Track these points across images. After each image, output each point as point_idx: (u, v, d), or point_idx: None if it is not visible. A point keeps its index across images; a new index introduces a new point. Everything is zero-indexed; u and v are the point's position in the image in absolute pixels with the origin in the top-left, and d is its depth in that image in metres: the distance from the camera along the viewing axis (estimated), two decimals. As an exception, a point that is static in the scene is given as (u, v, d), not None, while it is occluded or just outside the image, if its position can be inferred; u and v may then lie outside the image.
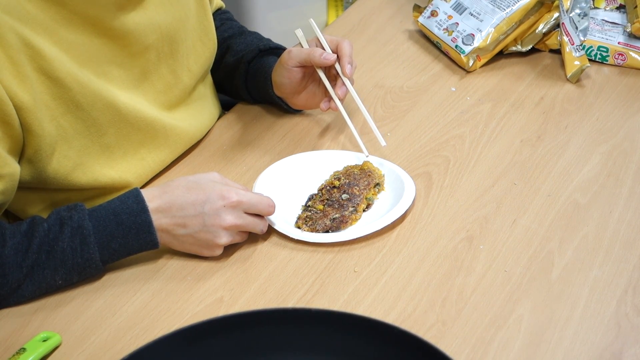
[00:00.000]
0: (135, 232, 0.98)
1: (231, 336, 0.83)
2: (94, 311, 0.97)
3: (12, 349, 0.92)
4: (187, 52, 1.18)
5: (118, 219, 0.97)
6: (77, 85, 1.02)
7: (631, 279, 0.98)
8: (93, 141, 1.07)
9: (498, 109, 1.29)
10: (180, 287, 1.00)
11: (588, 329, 0.92)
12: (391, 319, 0.94)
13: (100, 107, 1.05)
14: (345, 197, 1.09)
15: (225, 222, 0.99)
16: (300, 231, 1.05)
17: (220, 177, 1.03)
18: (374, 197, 1.10)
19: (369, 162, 1.14)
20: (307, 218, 1.07)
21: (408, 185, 1.10)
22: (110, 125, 1.08)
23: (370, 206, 1.10)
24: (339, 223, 1.06)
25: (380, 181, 1.12)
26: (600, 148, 1.19)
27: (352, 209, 1.07)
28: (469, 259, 1.02)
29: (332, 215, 1.07)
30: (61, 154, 1.04)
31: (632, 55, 1.37)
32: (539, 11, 1.38)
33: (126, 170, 1.12)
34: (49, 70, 0.99)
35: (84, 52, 1.03)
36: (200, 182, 1.00)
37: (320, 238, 1.04)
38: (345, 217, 1.06)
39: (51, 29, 0.99)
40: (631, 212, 1.08)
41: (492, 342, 0.91)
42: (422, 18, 1.46)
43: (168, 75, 1.15)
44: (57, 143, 1.03)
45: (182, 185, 1.00)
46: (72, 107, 1.03)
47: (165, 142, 1.16)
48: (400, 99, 1.32)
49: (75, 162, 1.07)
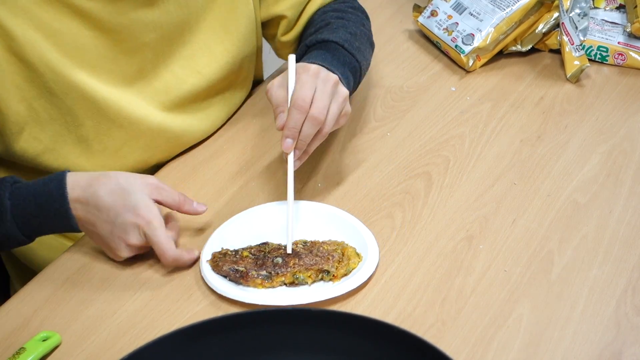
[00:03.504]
0: (52, 216, 0.98)
1: (231, 336, 0.83)
2: (94, 311, 0.97)
3: (12, 349, 0.92)
4: (196, 55, 1.16)
5: (37, 200, 0.98)
6: (50, 72, 1.02)
7: (631, 279, 0.98)
8: (69, 130, 1.08)
9: (498, 108, 1.29)
10: (180, 287, 1.00)
11: (588, 328, 0.92)
12: (391, 318, 0.94)
13: (75, 97, 1.05)
14: (278, 260, 0.99)
15: (129, 240, 0.99)
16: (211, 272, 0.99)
17: (155, 184, 1.01)
18: (307, 279, 0.98)
19: (349, 248, 1.02)
20: (222, 255, 1.00)
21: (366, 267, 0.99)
22: (88, 117, 1.07)
23: (295, 284, 0.98)
24: (239, 277, 0.98)
25: (334, 271, 0.98)
26: (599, 148, 1.19)
27: (265, 274, 0.98)
28: (469, 258, 1.02)
29: (240, 266, 0.99)
30: (31, 135, 1.05)
31: (632, 55, 1.37)
32: (538, 11, 1.38)
33: (103, 166, 1.11)
34: (19, 52, 0.99)
35: (70, 42, 1.02)
36: (127, 189, 0.98)
37: (227, 291, 0.97)
38: (249, 276, 0.97)
39: (32, 13, 0.99)
40: (631, 212, 1.08)
41: (492, 342, 0.91)
42: (422, 18, 1.46)
43: (167, 76, 1.14)
44: (28, 124, 1.04)
45: (110, 184, 0.98)
46: (45, 92, 1.03)
47: (153, 143, 1.15)
48: (400, 99, 1.32)
49: (47, 146, 1.07)
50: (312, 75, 1.02)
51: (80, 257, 1.05)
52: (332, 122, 1.02)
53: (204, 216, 1.06)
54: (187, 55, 1.15)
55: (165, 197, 1.01)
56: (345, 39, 1.15)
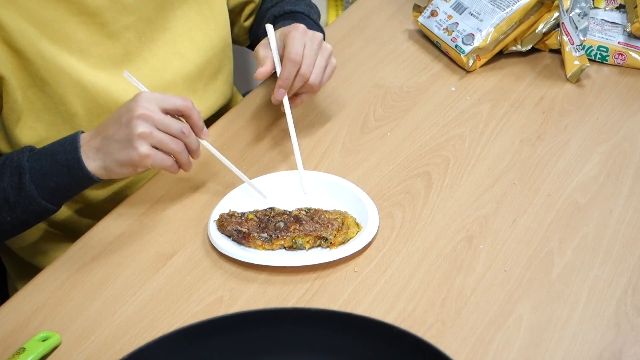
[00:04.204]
0: (67, 169, 1.00)
1: (231, 336, 0.83)
2: (94, 311, 0.97)
3: (12, 349, 0.92)
4: (177, 40, 1.19)
5: (53, 158, 1.00)
6: (40, 59, 1.04)
7: (631, 279, 0.98)
8: (64, 120, 1.10)
9: (498, 108, 1.29)
10: (180, 287, 1.00)
11: (588, 328, 0.92)
12: (391, 318, 0.94)
13: (67, 84, 1.07)
14: (280, 225, 1.04)
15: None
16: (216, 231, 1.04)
17: (159, 95, 1.02)
18: (305, 244, 1.03)
19: (350, 218, 1.06)
20: (228, 216, 1.06)
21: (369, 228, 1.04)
22: (80, 106, 1.10)
23: (294, 248, 1.03)
24: (241, 238, 1.03)
25: (331, 239, 1.03)
26: (600, 148, 1.19)
27: (265, 237, 1.03)
28: (469, 258, 1.02)
29: (244, 227, 1.04)
30: (26, 125, 1.08)
31: (632, 55, 1.37)
32: (538, 11, 1.38)
33: None
34: (10, 41, 1.02)
35: (57, 28, 1.05)
36: (126, 103, 1.01)
37: (229, 250, 1.02)
38: (250, 237, 1.03)
39: (18, 2, 1.02)
40: (631, 212, 1.08)
41: (492, 342, 0.91)
42: (422, 18, 1.46)
43: (153, 60, 1.17)
44: (23, 112, 1.06)
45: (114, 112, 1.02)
46: (37, 80, 1.06)
47: None
48: (400, 99, 1.32)
49: (42, 136, 1.09)
50: (302, 32, 1.12)
51: (81, 257, 1.05)
52: (319, 74, 1.13)
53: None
54: (169, 40, 1.19)
55: (167, 104, 1.01)
56: (307, 11, 1.32)
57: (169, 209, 1.11)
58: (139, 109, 0.98)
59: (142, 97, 0.99)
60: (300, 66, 1.11)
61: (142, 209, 1.12)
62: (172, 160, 1.01)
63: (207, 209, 1.09)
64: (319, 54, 1.13)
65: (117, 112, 1.00)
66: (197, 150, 1.04)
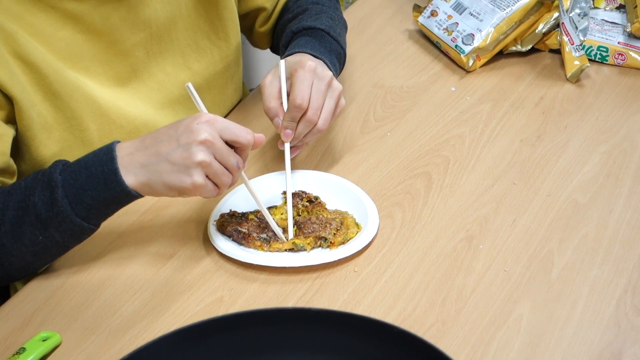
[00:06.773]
0: (103, 181, 0.92)
1: (231, 336, 0.83)
2: (94, 311, 0.97)
3: (12, 349, 0.92)
4: (184, 51, 1.17)
5: (88, 171, 0.92)
6: (54, 73, 1.02)
7: (631, 279, 0.98)
8: (75, 135, 1.07)
9: (498, 108, 1.29)
10: (180, 287, 1.00)
11: (588, 328, 0.92)
12: (391, 318, 0.94)
13: (79, 99, 1.05)
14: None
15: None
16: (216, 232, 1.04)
17: (222, 122, 0.95)
18: (306, 246, 1.02)
19: (350, 218, 1.06)
20: (229, 217, 1.05)
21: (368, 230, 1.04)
22: (92, 120, 1.08)
23: (295, 251, 1.03)
24: (241, 238, 1.03)
25: (331, 239, 1.03)
26: (600, 148, 1.20)
27: (264, 238, 1.03)
28: (469, 258, 1.02)
29: (244, 228, 1.03)
30: (41, 142, 1.04)
31: (632, 55, 1.37)
32: (538, 11, 1.38)
33: None
34: (23, 55, 0.99)
35: (64, 46, 1.03)
36: (186, 121, 0.94)
37: (229, 251, 1.02)
38: (250, 238, 1.03)
39: (25, 20, 0.99)
40: (631, 212, 1.08)
41: (492, 342, 0.91)
42: (422, 18, 1.46)
43: (159, 74, 1.15)
44: (38, 130, 1.03)
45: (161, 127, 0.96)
46: (49, 95, 1.03)
47: None
48: (400, 99, 1.32)
49: (54, 152, 1.06)
50: (309, 71, 1.06)
51: (81, 257, 1.05)
52: (327, 118, 1.07)
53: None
54: (176, 52, 1.17)
55: (230, 135, 0.94)
56: (329, 26, 1.21)
57: (169, 209, 1.12)
58: (202, 133, 0.91)
59: (205, 119, 0.92)
60: (307, 111, 1.05)
61: (142, 209, 1.12)
62: (217, 191, 0.95)
63: (207, 209, 1.10)
64: (328, 94, 1.07)
65: (172, 129, 0.93)
66: (236, 182, 0.98)
